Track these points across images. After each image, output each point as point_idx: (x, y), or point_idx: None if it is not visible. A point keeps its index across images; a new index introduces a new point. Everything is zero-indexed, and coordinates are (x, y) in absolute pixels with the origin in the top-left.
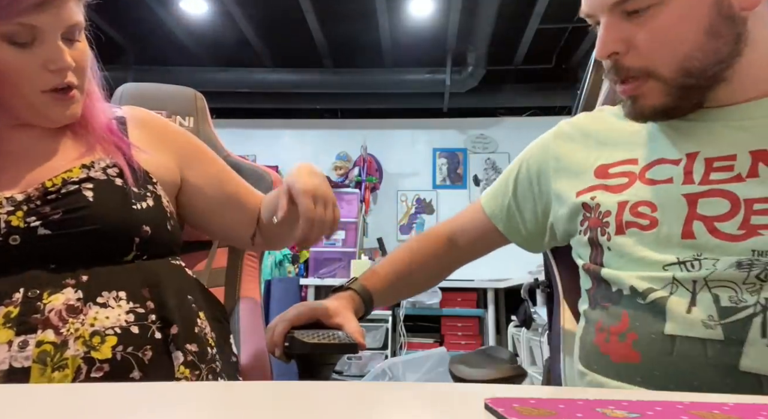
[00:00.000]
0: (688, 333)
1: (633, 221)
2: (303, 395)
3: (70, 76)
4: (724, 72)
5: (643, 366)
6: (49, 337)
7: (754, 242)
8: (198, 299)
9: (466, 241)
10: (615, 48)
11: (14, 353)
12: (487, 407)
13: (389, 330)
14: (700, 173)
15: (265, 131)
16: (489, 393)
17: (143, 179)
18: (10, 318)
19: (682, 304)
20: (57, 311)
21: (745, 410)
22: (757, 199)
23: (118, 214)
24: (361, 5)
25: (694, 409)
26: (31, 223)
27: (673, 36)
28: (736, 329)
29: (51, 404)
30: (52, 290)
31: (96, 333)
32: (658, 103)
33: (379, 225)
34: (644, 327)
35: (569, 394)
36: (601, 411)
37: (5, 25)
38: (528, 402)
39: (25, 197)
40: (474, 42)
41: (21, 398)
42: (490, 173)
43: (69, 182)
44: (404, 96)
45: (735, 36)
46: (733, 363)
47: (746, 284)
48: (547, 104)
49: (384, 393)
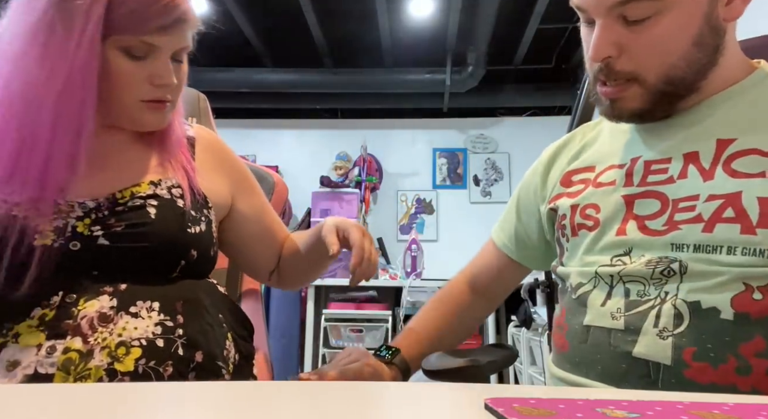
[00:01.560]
0: (600, 323)
1: (582, 223)
2: (303, 395)
3: (168, 93)
4: (700, 82)
5: (570, 354)
6: (76, 345)
7: (673, 236)
8: (228, 318)
9: (486, 282)
10: (609, 52)
11: (41, 358)
12: (487, 407)
13: (389, 330)
14: (639, 175)
15: (265, 131)
16: (489, 393)
17: (201, 203)
18: (44, 320)
19: (600, 297)
20: (89, 318)
21: (745, 410)
22: (682, 198)
23: (174, 235)
24: (361, 5)
25: (694, 409)
26: (95, 232)
27: (666, 45)
28: (636, 320)
29: (51, 404)
30: (89, 296)
31: (122, 343)
32: (636, 107)
33: (379, 225)
34: (572, 319)
35: (569, 394)
36: (601, 411)
37: (129, 40)
38: (528, 402)
39: (95, 205)
40: (474, 42)
41: (21, 397)
42: (490, 173)
43: (136, 196)
44: (404, 96)
45: (715, 47)
46: (628, 350)
47: (653, 279)
48: (547, 104)
49: (384, 393)
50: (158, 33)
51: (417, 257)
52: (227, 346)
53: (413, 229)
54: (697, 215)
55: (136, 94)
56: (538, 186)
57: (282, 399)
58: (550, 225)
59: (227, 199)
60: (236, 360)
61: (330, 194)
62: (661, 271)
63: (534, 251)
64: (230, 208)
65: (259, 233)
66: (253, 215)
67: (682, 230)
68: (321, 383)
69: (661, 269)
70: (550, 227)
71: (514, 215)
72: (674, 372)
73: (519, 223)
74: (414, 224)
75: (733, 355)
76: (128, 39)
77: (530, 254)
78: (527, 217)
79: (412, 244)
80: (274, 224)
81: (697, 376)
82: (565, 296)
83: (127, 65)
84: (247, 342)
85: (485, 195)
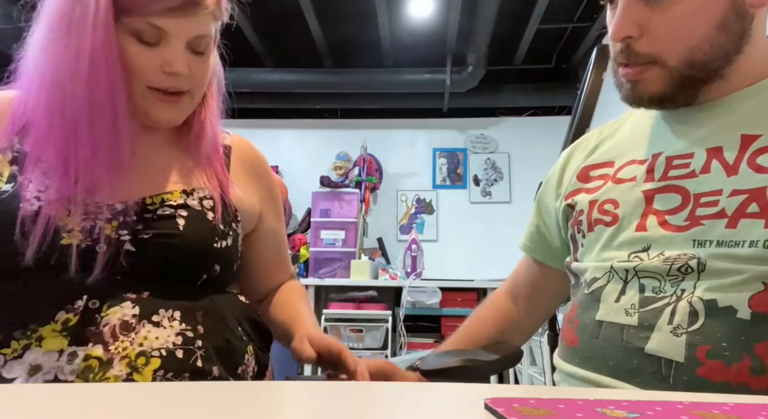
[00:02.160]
0: (613, 319)
1: (599, 218)
2: (303, 395)
3: (182, 83)
4: (725, 68)
5: (580, 349)
6: (96, 352)
7: (695, 232)
8: (247, 330)
9: (525, 292)
10: (630, 31)
11: (62, 364)
12: (487, 407)
13: (389, 330)
14: (661, 170)
15: (265, 131)
16: (489, 393)
17: (231, 217)
18: (68, 325)
19: (614, 293)
20: (111, 326)
21: (745, 410)
22: (705, 193)
23: (201, 249)
24: (361, 5)
25: (694, 409)
26: (122, 236)
27: (688, 26)
28: (650, 316)
29: (50, 403)
30: (112, 302)
31: (142, 353)
32: (657, 90)
33: (379, 225)
34: (584, 314)
35: (569, 394)
36: (601, 411)
37: (137, 22)
38: (528, 402)
39: (123, 208)
40: (474, 42)
41: (24, 397)
42: (490, 173)
43: (167, 204)
44: (404, 96)
45: (741, 32)
46: (640, 346)
47: (669, 275)
48: (547, 104)
49: (384, 393)
50: (165, 15)
51: (417, 257)
52: (246, 360)
53: (413, 229)
54: (720, 210)
55: (144, 80)
56: (555, 185)
57: (282, 399)
58: (564, 221)
59: (256, 214)
60: (255, 371)
61: (330, 194)
62: (679, 268)
63: (556, 251)
64: (257, 224)
65: (272, 258)
66: (272, 239)
67: (704, 226)
68: (321, 383)
69: (679, 265)
70: (564, 223)
71: (535, 215)
72: (687, 369)
73: (541, 222)
74: (414, 224)
75: (748, 355)
76: (136, 21)
77: (553, 253)
78: (547, 216)
79: (412, 244)
80: (284, 258)
81: (709, 374)
82: (578, 292)
83: (138, 51)
84: (265, 353)
85: (485, 195)
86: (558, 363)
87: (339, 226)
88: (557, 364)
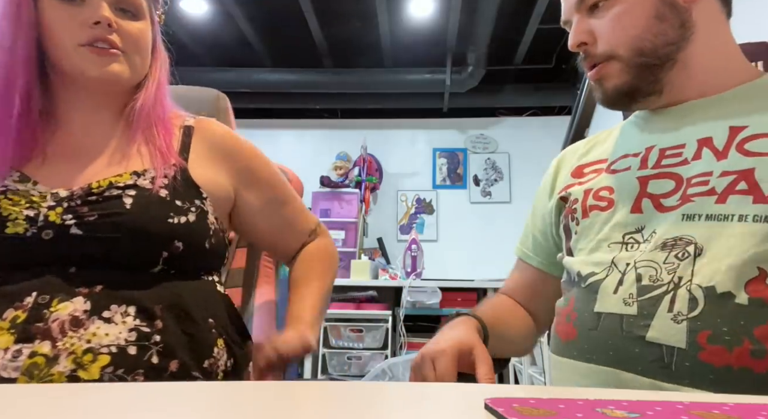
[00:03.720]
0: (611, 309)
1: (595, 204)
2: (303, 395)
3: (111, 35)
4: (676, 54)
5: (578, 341)
6: (43, 349)
7: (684, 208)
8: (222, 322)
9: (522, 297)
10: (582, 38)
11: (6, 362)
12: (487, 407)
13: (389, 330)
14: (654, 159)
15: (265, 131)
16: (489, 393)
17: (191, 194)
18: (15, 323)
19: (612, 285)
20: (60, 322)
21: (745, 410)
22: (696, 175)
23: (151, 225)
24: (361, 5)
25: (694, 409)
26: (66, 221)
27: (626, 22)
28: (649, 305)
29: (47, 403)
30: (63, 297)
31: (90, 349)
32: (619, 82)
33: (379, 225)
34: (582, 307)
35: (569, 394)
36: (601, 411)
37: None
38: (528, 402)
39: (68, 195)
40: (474, 42)
41: (16, 398)
42: (490, 173)
43: (114, 186)
44: (404, 96)
45: (680, 22)
46: (641, 335)
47: (666, 263)
48: (547, 104)
49: (384, 393)
50: None
51: (417, 257)
52: (215, 354)
53: (413, 229)
54: (710, 188)
55: (74, 38)
56: (548, 191)
57: (282, 399)
58: (557, 215)
59: (228, 191)
60: (228, 366)
61: (330, 194)
62: (676, 255)
63: (550, 257)
64: (234, 200)
65: (278, 224)
66: (266, 206)
67: (694, 202)
68: (321, 383)
69: (676, 252)
70: (556, 217)
71: (530, 222)
72: (689, 355)
73: (535, 228)
74: (414, 224)
75: (748, 338)
76: None
77: (549, 259)
78: (542, 222)
79: (412, 244)
80: (296, 213)
81: (711, 359)
82: (573, 287)
83: (61, 8)
84: (242, 348)
85: (485, 195)
86: (553, 359)
87: (339, 226)
88: (552, 360)
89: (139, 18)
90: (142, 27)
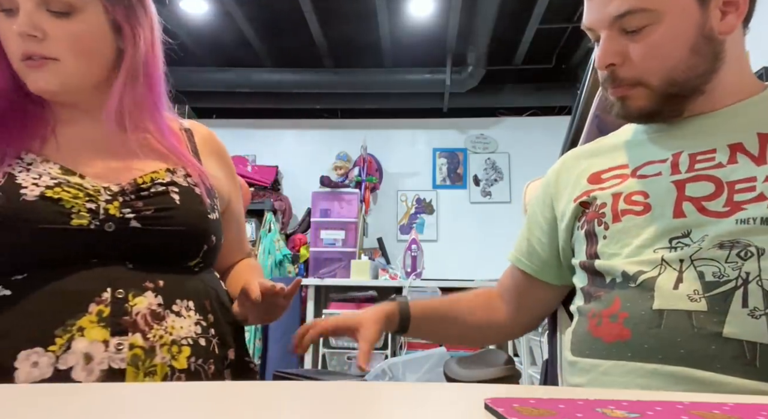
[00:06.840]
0: (675, 306)
1: (628, 208)
2: (303, 395)
3: (39, 47)
4: (704, 85)
5: (634, 342)
6: (138, 341)
7: (738, 215)
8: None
9: (509, 298)
10: (613, 60)
11: (111, 354)
12: (487, 407)
13: None
14: (686, 164)
15: (265, 131)
16: (489, 393)
17: (212, 193)
18: (102, 317)
19: (670, 282)
20: (143, 315)
21: (745, 410)
22: (738, 180)
23: (199, 220)
24: (361, 5)
25: (694, 409)
26: (126, 214)
27: (663, 52)
28: (719, 300)
29: (46, 404)
30: (136, 292)
31: (174, 342)
32: (644, 106)
33: (379, 225)
34: (634, 306)
35: (569, 394)
36: (601, 411)
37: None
38: (528, 402)
39: (119, 190)
40: (474, 42)
41: (17, 398)
42: (490, 173)
43: (157, 182)
44: (404, 96)
45: (713, 55)
46: (717, 331)
47: (728, 262)
48: (547, 104)
49: (384, 393)
50: None
51: (417, 257)
52: (247, 339)
53: (413, 229)
54: (759, 194)
55: (16, 53)
56: (552, 195)
57: (282, 399)
58: (572, 220)
59: (226, 195)
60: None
61: (330, 194)
62: (738, 253)
63: (544, 265)
64: (225, 206)
65: (234, 239)
66: (235, 221)
67: (746, 210)
68: (321, 383)
69: (737, 251)
70: (571, 222)
71: (526, 229)
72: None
73: (531, 235)
74: (414, 224)
75: None
76: None
77: (542, 267)
78: (539, 229)
79: (412, 244)
80: (244, 237)
81: None
82: (614, 288)
83: (6, 22)
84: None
85: (485, 195)
86: (587, 363)
87: (339, 226)
88: (584, 364)
89: (73, 16)
90: (78, 26)
